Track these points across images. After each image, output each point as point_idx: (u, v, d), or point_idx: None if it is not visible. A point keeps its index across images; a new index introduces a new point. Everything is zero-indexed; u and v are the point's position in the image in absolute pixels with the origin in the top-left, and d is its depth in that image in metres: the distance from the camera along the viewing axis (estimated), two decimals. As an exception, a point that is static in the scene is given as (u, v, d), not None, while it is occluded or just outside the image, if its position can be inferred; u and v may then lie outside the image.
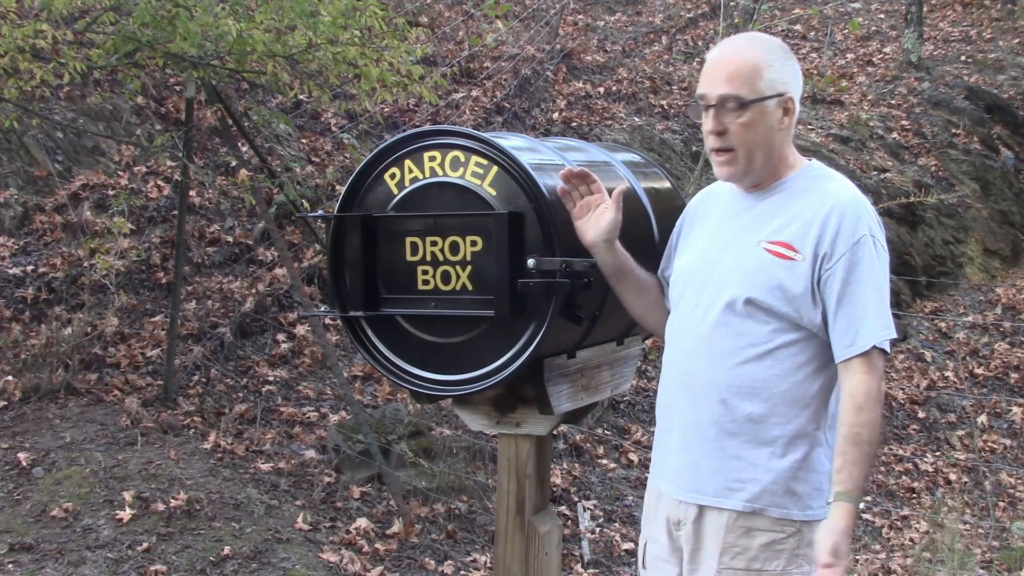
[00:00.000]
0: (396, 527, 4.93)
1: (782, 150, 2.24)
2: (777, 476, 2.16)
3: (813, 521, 2.16)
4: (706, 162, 8.55)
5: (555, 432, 4.52)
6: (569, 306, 2.40)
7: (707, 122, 2.20)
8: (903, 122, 11.40)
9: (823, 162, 2.34)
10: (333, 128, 7.94)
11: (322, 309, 5.49)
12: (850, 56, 13.25)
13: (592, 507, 5.70)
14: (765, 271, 2.17)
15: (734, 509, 2.19)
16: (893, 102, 11.78)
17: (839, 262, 2.12)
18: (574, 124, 9.45)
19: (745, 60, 2.19)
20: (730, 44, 2.26)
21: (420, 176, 2.52)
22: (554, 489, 5.67)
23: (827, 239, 2.13)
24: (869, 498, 6.67)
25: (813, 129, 10.67)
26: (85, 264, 5.89)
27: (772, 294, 2.16)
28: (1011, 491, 6.99)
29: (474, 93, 9.14)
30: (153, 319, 5.93)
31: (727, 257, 2.25)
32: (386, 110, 8.12)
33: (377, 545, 4.76)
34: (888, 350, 2.14)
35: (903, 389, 8.11)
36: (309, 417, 5.68)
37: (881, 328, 2.11)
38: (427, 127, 2.63)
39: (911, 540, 6.16)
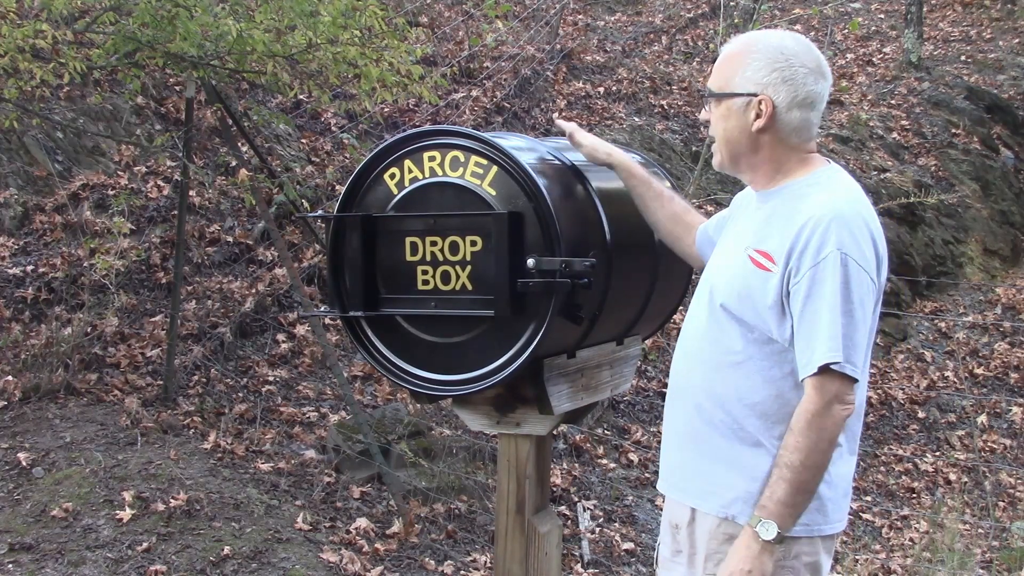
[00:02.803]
0: (396, 527, 4.93)
1: (768, 154, 2.19)
2: (749, 486, 2.13)
3: (797, 537, 2.11)
4: (706, 162, 8.56)
5: (555, 432, 4.52)
6: (569, 306, 2.40)
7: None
8: (903, 122, 11.41)
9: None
10: (333, 128, 7.94)
11: (322, 309, 5.49)
12: (850, 56, 13.25)
13: (592, 507, 5.70)
14: (741, 279, 2.15)
15: (711, 513, 2.18)
16: (893, 102, 11.78)
17: (803, 279, 2.04)
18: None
19: (729, 54, 2.21)
20: (732, 40, 2.27)
21: (420, 176, 2.52)
22: (554, 489, 5.67)
23: (796, 253, 2.06)
24: (869, 498, 6.68)
25: (813, 129, 10.66)
26: (85, 264, 5.89)
27: (743, 302, 2.13)
28: (1011, 491, 6.99)
29: (474, 93, 9.14)
30: (153, 319, 5.93)
31: (721, 260, 2.26)
32: (386, 110, 8.12)
33: (377, 545, 4.76)
34: (849, 373, 2.02)
35: (903, 389, 8.11)
36: (309, 417, 5.68)
37: (829, 350, 2.00)
38: (427, 127, 2.63)
39: (911, 540, 6.16)
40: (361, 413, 5.37)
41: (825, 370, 2.01)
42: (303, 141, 7.68)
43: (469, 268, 2.46)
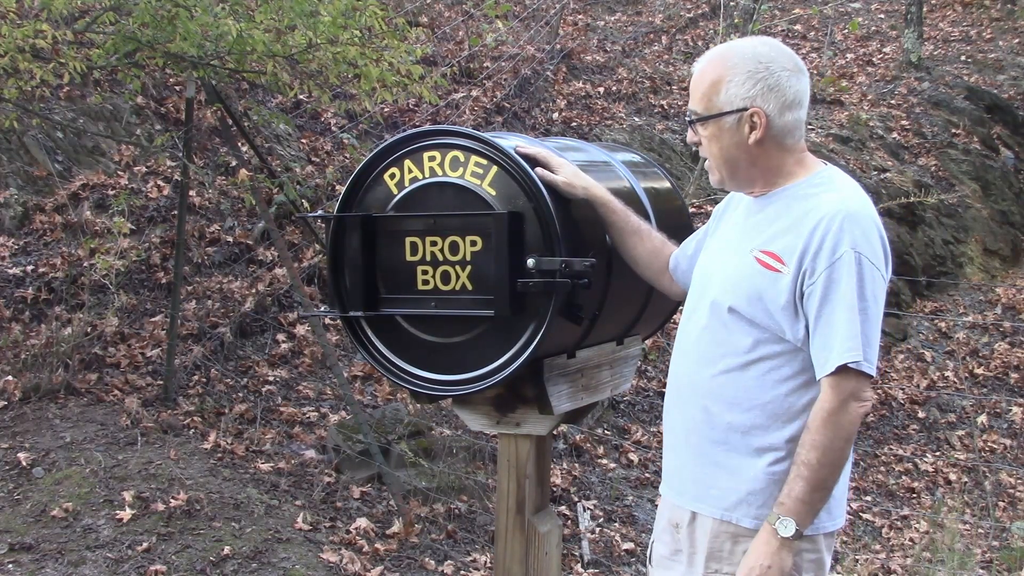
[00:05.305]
0: (396, 527, 4.93)
1: (767, 162, 2.19)
2: (755, 487, 2.15)
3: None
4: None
5: (555, 432, 4.52)
6: (569, 306, 2.39)
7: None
8: (903, 122, 11.41)
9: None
10: (333, 128, 7.94)
11: (322, 309, 5.49)
12: (850, 56, 13.25)
13: (592, 507, 5.70)
14: (750, 280, 2.15)
15: (712, 516, 2.19)
16: (893, 102, 11.78)
17: (818, 279, 2.06)
18: (574, 124, 9.45)
19: (704, 77, 2.22)
20: (703, 59, 2.27)
21: (420, 176, 2.52)
22: (554, 489, 5.67)
23: (810, 254, 2.08)
24: (869, 498, 6.68)
25: (813, 129, 10.67)
26: (85, 264, 5.89)
27: (753, 305, 2.13)
28: (1011, 491, 6.99)
29: (474, 93, 9.14)
30: (153, 319, 5.93)
31: (723, 262, 2.25)
32: (386, 110, 8.12)
33: (377, 545, 4.76)
34: (866, 371, 2.05)
35: (903, 389, 8.11)
36: (309, 417, 5.68)
37: (847, 349, 2.03)
38: (427, 127, 2.63)
39: (911, 540, 6.16)
40: (361, 413, 5.37)
41: (843, 368, 2.04)
42: (303, 141, 7.68)
43: (469, 268, 2.46)
